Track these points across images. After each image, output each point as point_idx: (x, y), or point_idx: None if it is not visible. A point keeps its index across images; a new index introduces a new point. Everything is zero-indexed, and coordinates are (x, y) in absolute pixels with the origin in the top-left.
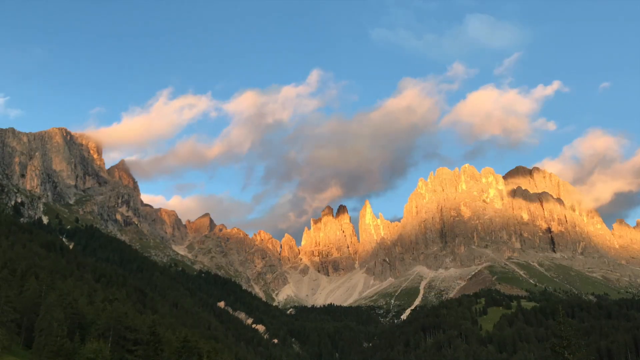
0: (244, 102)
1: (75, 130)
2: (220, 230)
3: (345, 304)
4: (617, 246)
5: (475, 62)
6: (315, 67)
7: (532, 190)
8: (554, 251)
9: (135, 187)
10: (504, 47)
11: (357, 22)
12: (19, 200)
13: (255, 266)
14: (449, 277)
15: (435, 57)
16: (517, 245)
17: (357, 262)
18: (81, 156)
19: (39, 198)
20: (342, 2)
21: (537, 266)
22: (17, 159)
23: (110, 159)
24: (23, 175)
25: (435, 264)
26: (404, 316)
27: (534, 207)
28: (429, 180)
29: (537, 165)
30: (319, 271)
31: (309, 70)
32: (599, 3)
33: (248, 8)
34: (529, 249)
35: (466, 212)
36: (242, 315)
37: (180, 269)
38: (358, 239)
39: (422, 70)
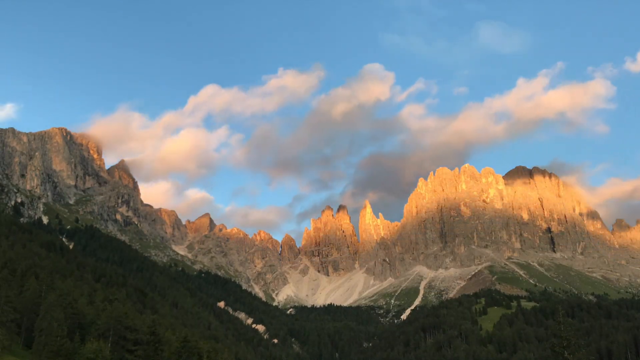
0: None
1: (75, 131)
2: (220, 230)
3: (345, 304)
4: (617, 246)
5: (488, 68)
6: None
7: (532, 190)
8: (554, 251)
9: (135, 187)
10: (515, 53)
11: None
12: (19, 200)
13: (255, 266)
14: (449, 277)
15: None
16: (517, 245)
17: (357, 262)
18: (81, 156)
19: (39, 198)
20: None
21: (537, 266)
22: (17, 159)
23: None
24: (23, 175)
25: (435, 264)
26: (404, 316)
27: (534, 207)
28: (429, 180)
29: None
30: (319, 271)
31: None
32: (608, 7)
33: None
34: (529, 249)
35: (466, 212)
36: (242, 315)
37: (180, 269)
38: (358, 239)
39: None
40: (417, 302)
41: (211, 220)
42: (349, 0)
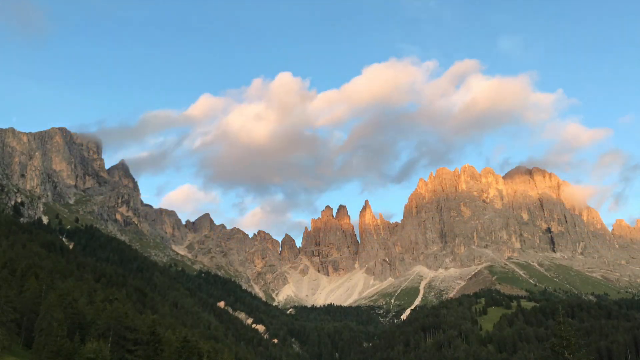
0: None
1: (77, 131)
2: (221, 230)
3: (345, 304)
4: (617, 246)
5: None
6: None
7: (532, 190)
8: (554, 251)
9: (135, 187)
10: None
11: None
12: (19, 200)
13: (255, 266)
14: (449, 277)
15: None
16: (517, 245)
17: (357, 262)
18: (81, 156)
19: (39, 198)
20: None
21: (537, 266)
22: (17, 159)
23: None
24: (23, 175)
25: (435, 264)
26: (404, 316)
27: (534, 207)
28: (429, 180)
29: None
30: (319, 271)
31: None
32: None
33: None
34: (529, 249)
35: (466, 212)
36: (242, 315)
37: (180, 269)
38: (358, 239)
39: None
40: (417, 302)
41: (211, 220)
42: (369, 10)
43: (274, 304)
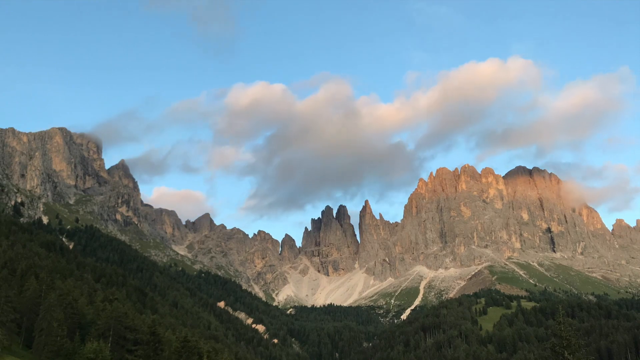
0: None
1: (75, 131)
2: (221, 230)
3: (345, 304)
4: (617, 246)
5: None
6: None
7: (532, 190)
8: (554, 251)
9: (135, 187)
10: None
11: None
12: (19, 200)
13: (255, 266)
14: (449, 277)
15: None
16: (517, 245)
17: (357, 262)
18: (81, 156)
19: (39, 198)
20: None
21: (537, 266)
22: (17, 159)
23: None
24: (23, 175)
25: (435, 264)
26: (404, 316)
27: (534, 207)
28: (428, 180)
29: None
30: (319, 271)
31: None
32: None
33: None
34: (529, 249)
35: (466, 212)
36: (242, 315)
37: (180, 269)
38: (358, 239)
39: None
40: (417, 302)
41: (211, 220)
42: (381, 16)
43: (274, 304)
